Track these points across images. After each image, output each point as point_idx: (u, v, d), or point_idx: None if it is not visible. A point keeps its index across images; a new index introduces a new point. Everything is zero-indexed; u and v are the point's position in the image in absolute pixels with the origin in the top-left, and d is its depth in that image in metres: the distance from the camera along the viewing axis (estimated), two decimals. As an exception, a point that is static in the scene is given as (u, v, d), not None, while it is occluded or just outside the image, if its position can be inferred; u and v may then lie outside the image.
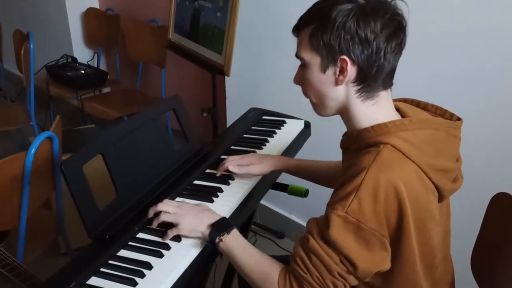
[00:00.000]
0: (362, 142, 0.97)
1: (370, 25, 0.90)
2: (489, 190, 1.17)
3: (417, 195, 0.92)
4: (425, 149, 0.94)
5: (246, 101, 2.12)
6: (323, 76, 0.96)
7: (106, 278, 1.03)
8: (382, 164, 0.90)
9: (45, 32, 3.70)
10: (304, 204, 2.27)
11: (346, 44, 0.91)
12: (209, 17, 2.12)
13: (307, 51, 0.96)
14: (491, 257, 1.13)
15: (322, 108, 1.02)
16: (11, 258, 1.41)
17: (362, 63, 0.92)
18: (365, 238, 0.90)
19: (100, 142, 1.20)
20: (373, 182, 0.88)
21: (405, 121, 0.96)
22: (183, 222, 1.10)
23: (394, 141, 0.92)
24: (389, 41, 0.92)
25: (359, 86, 0.95)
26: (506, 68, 1.52)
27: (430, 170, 0.94)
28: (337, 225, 0.90)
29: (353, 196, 0.89)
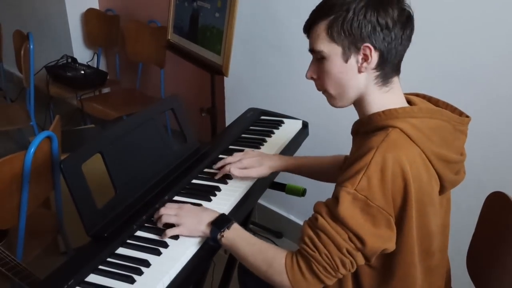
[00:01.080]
0: (372, 125, 1.00)
1: (389, 13, 0.95)
2: (485, 189, 1.18)
3: (420, 177, 0.95)
4: (431, 137, 0.97)
5: (244, 101, 2.13)
6: (346, 65, 0.99)
7: (104, 275, 1.04)
8: (391, 144, 0.93)
9: (45, 33, 3.71)
10: (302, 204, 2.27)
11: (368, 31, 0.95)
12: (207, 17, 2.13)
13: (325, 43, 0.98)
14: (486, 256, 1.14)
15: (341, 99, 1.04)
16: (10, 257, 1.42)
17: (384, 49, 0.96)
18: (372, 215, 0.93)
19: (99, 141, 1.21)
20: (382, 161, 0.91)
21: (415, 108, 0.99)
22: (184, 222, 1.12)
23: (402, 125, 0.95)
24: (405, 28, 0.97)
25: (378, 72, 0.99)
26: (504, 67, 1.53)
27: (434, 157, 0.97)
28: (346, 202, 0.92)
29: (362, 174, 0.92)
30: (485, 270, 1.14)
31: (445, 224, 1.10)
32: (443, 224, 1.08)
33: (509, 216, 1.05)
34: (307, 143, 1.74)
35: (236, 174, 1.34)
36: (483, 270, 1.15)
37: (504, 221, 1.08)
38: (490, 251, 1.13)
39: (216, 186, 1.34)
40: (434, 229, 1.03)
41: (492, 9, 1.50)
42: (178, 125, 1.45)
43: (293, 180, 1.56)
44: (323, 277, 0.97)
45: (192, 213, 1.14)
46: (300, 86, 2.09)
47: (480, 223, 1.19)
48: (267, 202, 2.50)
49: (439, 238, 1.07)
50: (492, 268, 1.11)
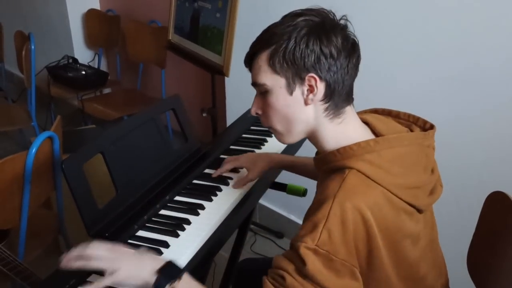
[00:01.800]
0: (329, 165, 0.95)
1: (332, 41, 0.90)
2: (486, 189, 1.18)
3: (385, 218, 0.89)
4: (393, 169, 0.92)
5: (245, 101, 2.13)
6: (291, 98, 0.93)
7: (105, 275, 1.04)
8: (348, 191, 0.88)
9: (46, 33, 3.72)
10: (303, 204, 2.27)
11: (311, 61, 0.90)
12: (208, 18, 2.14)
13: (268, 75, 0.93)
14: (486, 256, 1.14)
15: (289, 135, 0.98)
16: (12, 257, 1.42)
17: (329, 79, 0.91)
18: (336, 269, 0.87)
19: (100, 141, 1.21)
20: (340, 212, 0.86)
21: (371, 142, 0.93)
22: (120, 268, 0.90)
23: (359, 165, 0.90)
24: (350, 57, 0.92)
25: (327, 104, 0.93)
26: (504, 69, 1.53)
27: (399, 190, 0.92)
28: (311, 259, 0.85)
29: (322, 227, 0.86)
30: (485, 270, 1.14)
31: (433, 239, 1.06)
32: (431, 240, 1.04)
33: (509, 216, 1.05)
34: (308, 142, 1.74)
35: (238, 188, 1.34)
36: (483, 269, 1.15)
37: (504, 221, 1.08)
38: (490, 251, 1.13)
39: (217, 186, 1.34)
40: (418, 256, 0.99)
41: (491, 12, 1.50)
42: (179, 125, 1.46)
43: (294, 180, 1.56)
44: None
45: (130, 257, 0.93)
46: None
47: (480, 223, 1.19)
48: (268, 202, 2.50)
49: (428, 258, 1.03)
50: (492, 268, 1.11)
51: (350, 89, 0.96)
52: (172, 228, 1.17)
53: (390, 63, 1.79)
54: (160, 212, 1.25)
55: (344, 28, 0.93)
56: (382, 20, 1.77)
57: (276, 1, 2.07)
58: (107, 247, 0.94)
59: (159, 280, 0.89)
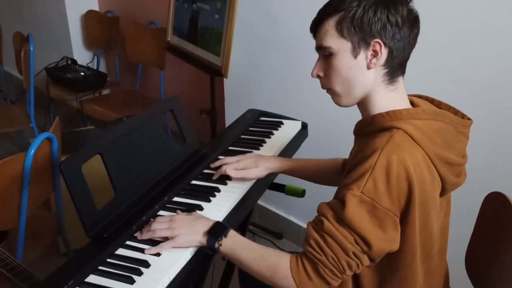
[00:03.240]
0: (376, 126, 1.00)
1: (399, 11, 0.95)
2: (485, 190, 1.18)
3: (424, 179, 0.95)
4: (434, 139, 0.97)
5: (244, 103, 2.14)
6: (354, 61, 0.99)
7: (104, 276, 1.04)
8: (395, 146, 0.93)
9: (45, 35, 3.72)
10: (302, 205, 2.28)
11: (378, 28, 0.95)
12: (207, 19, 2.14)
13: (334, 38, 0.98)
14: (485, 256, 1.14)
15: (347, 97, 1.03)
16: (10, 258, 1.42)
17: (393, 46, 0.97)
18: (379, 218, 0.93)
19: (99, 143, 1.21)
20: (387, 163, 0.91)
21: (419, 110, 0.99)
22: (178, 234, 1.09)
23: (406, 127, 0.96)
24: (413, 28, 0.98)
25: (386, 70, 0.99)
26: (504, 70, 1.53)
27: (437, 159, 0.97)
28: (353, 204, 0.92)
29: (368, 176, 0.92)
30: (484, 270, 1.14)
31: (445, 226, 1.10)
32: (443, 225, 1.09)
33: (507, 216, 1.06)
34: (306, 144, 1.74)
35: (233, 175, 1.34)
36: (481, 270, 1.16)
37: (502, 221, 1.08)
38: (489, 251, 1.13)
39: (215, 187, 1.34)
40: (436, 231, 1.03)
41: (496, 13, 1.51)
42: (177, 126, 1.46)
43: (293, 181, 1.57)
44: (329, 279, 0.97)
45: (185, 224, 1.11)
46: (299, 87, 2.10)
47: (478, 223, 1.19)
48: (267, 203, 2.50)
49: (439, 241, 1.07)
50: (491, 268, 1.11)
51: (407, 59, 1.02)
52: (171, 229, 1.17)
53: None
54: (158, 213, 1.25)
55: (409, 1, 0.99)
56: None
57: (275, 2, 2.08)
58: (167, 219, 1.13)
59: (209, 240, 1.07)
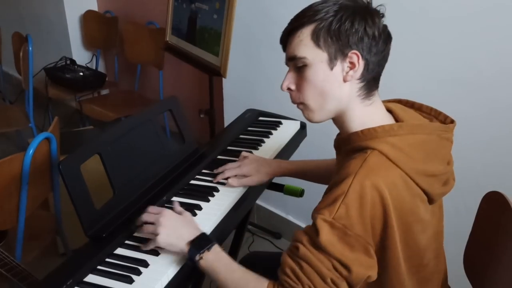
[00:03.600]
0: (352, 145, 0.98)
1: (376, 24, 0.93)
2: (482, 190, 1.18)
3: (402, 200, 0.92)
4: (413, 154, 0.94)
5: (242, 102, 2.14)
6: (330, 73, 0.95)
7: (103, 275, 1.04)
8: (368, 170, 0.90)
9: (44, 35, 3.72)
10: (301, 205, 2.28)
11: (355, 39, 0.92)
12: (206, 19, 2.14)
13: (310, 48, 0.94)
14: (483, 255, 1.15)
15: (321, 111, 0.99)
16: (9, 258, 1.42)
17: (369, 59, 0.94)
18: (350, 244, 0.89)
19: (98, 143, 1.21)
20: (360, 188, 0.88)
21: (395, 126, 0.96)
22: (160, 233, 1.05)
23: (381, 146, 0.93)
24: (387, 42, 0.96)
25: (362, 84, 0.96)
26: (502, 70, 1.54)
27: (417, 175, 0.94)
28: (325, 230, 0.89)
29: (340, 202, 0.89)
30: (482, 269, 1.14)
31: (438, 231, 1.08)
32: (436, 231, 1.06)
33: (505, 215, 1.06)
34: (305, 143, 1.74)
35: (235, 185, 1.33)
36: (479, 269, 1.16)
37: (500, 220, 1.08)
38: (487, 251, 1.13)
39: (214, 187, 1.34)
40: (425, 243, 1.01)
41: (492, 14, 1.51)
42: (176, 126, 1.46)
43: (291, 181, 1.57)
44: None
45: (171, 224, 1.07)
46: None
47: (476, 222, 1.19)
48: (266, 203, 2.51)
49: (432, 247, 1.05)
50: (488, 267, 1.11)
51: (380, 74, 0.99)
52: (170, 229, 1.17)
53: (388, 64, 1.79)
54: (157, 213, 1.25)
55: (383, 16, 0.97)
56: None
57: (273, 2, 2.08)
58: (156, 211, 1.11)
59: (190, 251, 1.02)
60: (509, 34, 1.49)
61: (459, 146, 1.68)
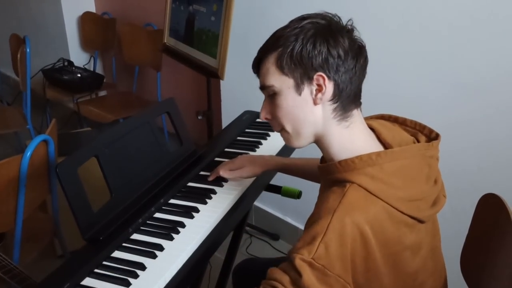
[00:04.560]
0: (331, 176, 0.96)
1: (339, 42, 0.91)
2: (479, 192, 1.18)
3: (385, 232, 0.90)
4: (394, 182, 0.92)
5: (240, 104, 2.14)
6: (300, 98, 0.94)
7: (100, 278, 1.05)
8: (347, 207, 0.88)
9: (42, 36, 3.72)
10: (298, 206, 2.28)
11: (319, 62, 0.91)
12: (203, 21, 2.14)
13: (276, 76, 0.94)
14: (480, 257, 1.15)
15: (298, 137, 0.98)
16: (7, 260, 1.42)
17: (338, 78, 0.92)
18: (328, 284, 0.86)
19: (95, 145, 1.21)
20: (339, 226, 0.86)
21: (373, 155, 0.93)
22: None
23: (360, 179, 0.91)
24: (358, 58, 0.93)
25: (335, 104, 0.94)
26: (498, 72, 1.54)
27: (400, 203, 0.92)
28: (306, 270, 0.85)
29: (319, 241, 0.86)
30: (479, 271, 1.15)
31: (434, 247, 1.06)
32: (431, 248, 1.04)
33: (501, 217, 1.06)
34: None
35: (226, 176, 1.34)
36: (476, 271, 1.16)
37: (496, 222, 1.08)
38: (483, 252, 1.13)
39: (211, 189, 1.34)
40: (417, 266, 0.99)
41: (495, 14, 1.51)
42: (174, 128, 1.46)
43: (289, 182, 1.57)
44: None
45: None
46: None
47: (473, 224, 1.20)
48: (263, 204, 2.51)
49: (428, 266, 1.03)
50: (485, 269, 1.12)
51: (358, 91, 0.96)
52: (167, 231, 1.18)
53: (385, 67, 1.80)
54: (155, 215, 1.25)
55: (350, 31, 0.94)
56: (381, 24, 1.78)
57: (271, 4, 2.08)
58: None
59: None
60: (507, 38, 1.50)
61: (455, 148, 1.69)
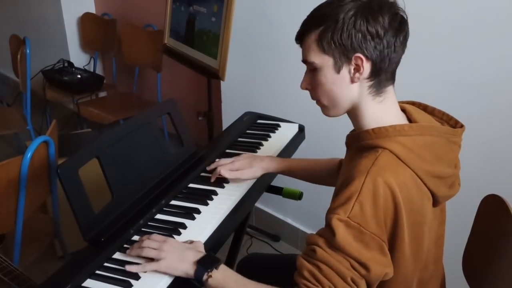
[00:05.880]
0: (363, 143, 0.99)
1: (379, 21, 0.93)
2: (481, 193, 1.18)
3: (412, 199, 0.93)
4: (423, 155, 0.95)
5: (241, 105, 2.14)
6: (338, 76, 0.97)
7: (101, 280, 1.04)
8: (380, 169, 0.91)
9: (42, 37, 3.71)
10: (299, 207, 2.28)
11: (358, 41, 0.93)
12: (204, 22, 2.14)
13: (317, 54, 0.97)
14: (481, 258, 1.15)
15: (334, 109, 1.02)
16: (7, 262, 1.42)
17: (376, 58, 0.94)
18: (365, 242, 0.90)
19: (96, 146, 1.21)
20: (373, 186, 0.90)
21: (405, 126, 0.97)
22: (164, 257, 1.04)
23: (392, 146, 0.94)
24: (398, 35, 0.95)
25: (372, 82, 0.97)
26: (500, 73, 1.54)
27: (426, 176, 0.95)
28: (341, 229, 0.89)
29: (354, 200, 0.90)
30: (480, 272, 1.14)
31: (439, 235, 1.09)
32: (437, 235, 1.07)
33: (503, 218, 1.06)
34: (303, 146, 1.74)
35: (227, 176, 1.34)
36: (478, 272, 1.16)
37: (498, 223, 1.08)
38: (485, 254, 1.13)
39: (213, 190, 1.34)
40: (427, 245, 1.02)
41: (495, 14, 1.51)
42: (174, 129, 1.46)
43: (290, 183, 1.57)
44: None
45: (175, 250, 1.06)
46: (296, 90, 2.09)
47: (475, 226, 1.20)
48: (264, 206, 2.50)
49: (433, 251, 1.06)
50: (487, 270, 1.11)
51: (396, 66, 0.99)
52: (168, 233, 1.17)
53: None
54: (156, 217, 1.25)
55: (393, 6, 0.95)
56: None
57: (271, 5, 2.08)
58: (160, 239, 1.08)
59: (198, 270, 1.01)
60: (508, 38, 1.50)
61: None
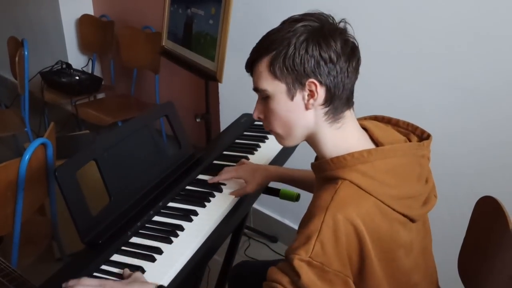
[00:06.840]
0: (324, 173, 0.97)
1: (331, 46, 0.91)
2: (476, 195, 1.19)
3: (377, 228, 0.90)
4: (386, 180, 0.93)
5: (238, 107, 2.14)
6: (292, 103, 0.94)
7: (99, 282, 1.05)
8: (340, 203, 0.89)
9: (40, 39, 3.72)
10: (297, 208, 2.28)
11: (311, 66, 0.91)
12: (201, 24, 2.15)
13: (269, 81, 0.94)
14: (477, 259, 1.15)
15: (290, 138, 1.00)
16: (5, 264, 1.42)
17: (330, 83, 0.92)
18: (329, 280, 0.87)
19: (94, 149, 1.21)
20: (333, 223, 0.87)
21: (364, 153, 0.94)
22: None
23: (351, 176, 0.91)
24: (350, 60, 0.93)
25: (327, 108, 0.95)
26: (496, 77, 1.54)
27: (392, 201, 0.93)
28: (304, 269, 0.86)
29: (315, 239, 0.87)
30: (476, 274, 1.15)
31: (425, 247, 1.07)
32: (423, 248, 1.05)
33: (498, 220, 1.07)
34: (300, 148, 1.74)
35: (234, 196, 1.34)
36: (473, 273, 1.16)
37: (493, 225, 1.09)
38: (481, 255, 1.14)
39: (210, 192, 1.35)
40: (410, 265, 1.00)
41: (496, 19, 1.52)
42: (172, 131, 1.46)
43: (287, 185, 1.57)
44: None
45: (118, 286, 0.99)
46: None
47: (470, 227, 1.20)
48: (262, 207, 2.51)
49: (420, 267, 1.04)
50: (482, 271, 1.12)
51: (351, 92, 0.97)
52: (166, 235, 1.18)
53: (384, 71, 1.80)
54: (153, 219, 1.25)
55: (343, 32, 0.94)
56: (378, 25, 1.78)
57: (269, 7, 2.09)
58: (95, 283, 1.00)
59: None
60: (505, 43, 1.50)
61: (453, 151, 1.70)
